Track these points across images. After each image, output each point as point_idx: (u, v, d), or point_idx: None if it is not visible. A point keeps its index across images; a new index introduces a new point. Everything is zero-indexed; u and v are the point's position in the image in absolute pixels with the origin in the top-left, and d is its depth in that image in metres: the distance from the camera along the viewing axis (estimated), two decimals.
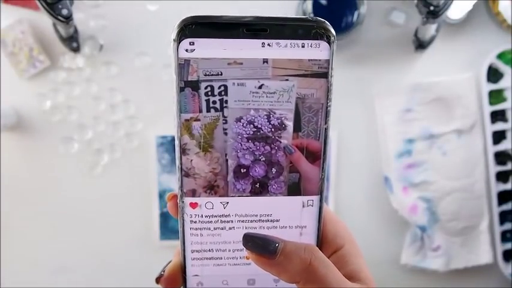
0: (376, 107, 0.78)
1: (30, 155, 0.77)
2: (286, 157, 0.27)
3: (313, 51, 0.26)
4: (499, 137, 0.78)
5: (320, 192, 0.28)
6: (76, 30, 0.72)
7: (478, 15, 0.77)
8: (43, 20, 0.73)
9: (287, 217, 0.28)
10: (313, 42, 0.25)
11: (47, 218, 0.78)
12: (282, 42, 0.25)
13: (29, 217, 0.78)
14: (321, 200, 0.28)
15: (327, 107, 0.27)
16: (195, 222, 0.28)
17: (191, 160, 0.27)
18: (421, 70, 0.78)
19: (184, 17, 0.25)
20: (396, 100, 0.77)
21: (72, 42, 0.73)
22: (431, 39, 0.74)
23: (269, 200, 0.28)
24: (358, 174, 0.79)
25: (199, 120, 0.26)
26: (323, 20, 0.26)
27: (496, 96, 0.78)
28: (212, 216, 0.28)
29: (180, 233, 0.28)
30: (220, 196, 0.28)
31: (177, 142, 0.27)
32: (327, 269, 0.26)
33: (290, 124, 0.27)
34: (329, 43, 0.25)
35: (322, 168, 0.27)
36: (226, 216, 0.28)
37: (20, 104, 0.76)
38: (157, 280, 0.29)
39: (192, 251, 0.29)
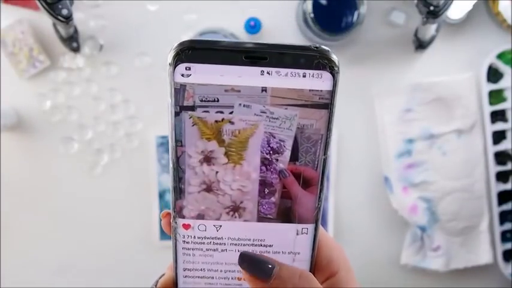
0: (376, 107, 0.78)
1: (30, 155, 0.77)
2: (280, 180, 0.27)
3: (314, 81, 0.24)
4: (499, 137, 0.78)
5: (315, 221, 0.27)
6: (76, 30, 0.72)
7: (478, 15, 0.77)
8: (43, 20, 0.73)
9: (280, 243, 0.28)
10: (315, 72, 0.24)
11: (47, 218, 0.78)
12: (282, 71, 0.24)
13: (29, 217, 0.78)
14: (315, 229, 0.28)
15: (326, 138, 0.26)
16: (188, 242, 0.28)
17: (216, 172, 0.26)
18: (421, 70, 0.78)
19: (180, 41, 0.24)
20: (396, 100, 0.77)
21: (72, 42, 0.73)
22: (431, 39, 0.74)
23: (263, 226, 0.27)
24: (358, 174, 0.79)
25: (233, 123, 0.25)
26: (327, 49, 0.24)
27: (496, 96, 0.78)
28: (205, 238, 0.28)
29: (173, 251, 0.28)
30: (245, 221, 0.27)
31: (171, 165, 0.26)
32: None
33: (288, 150, 0.26)
34: (332, 74, 0.24)
35: (319, 197, 0.27)
36: (219, 238, 0.28)
37: (20, 104, 0.76)
38: None
39: (184, 269, 0.29)
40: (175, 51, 0.24)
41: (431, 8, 0.62)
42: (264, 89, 0.25)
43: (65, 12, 0.61)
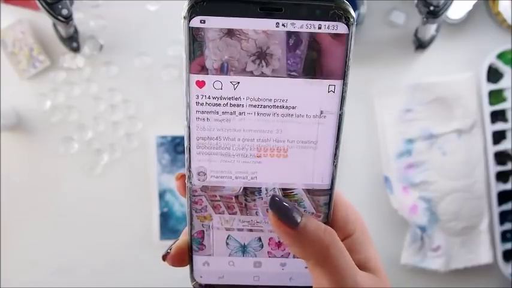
0: (376, 107, 0.78)
1: (30, 155, 0.77)
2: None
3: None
4: (499, 137, 0.78)
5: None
6: (76, 30, 0.73)
7: (478, 15, 0.77)
8: (43, 20, 0.73)
9: (305, 105, 0.25)
10: (331, 23, 0.24)
11: (47, 218, 0.78)
12: (298, 22, 0.24)
13: (29, 217, 0.77)
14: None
15: None
16: (202, 104, 0.25)
17: None
18: (421, 70, 0.78)
19: None
20: (396, 100, 0.77)
21: (72, 42, 0.73)
22: (431, 39, 0.74)
23: (285, 82, 0.25)
24: (358, 174, 0.79)
25: None
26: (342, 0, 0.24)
27: (496, 96, 0.78)
28: (221, 98, 0.25)
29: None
30: (273, 70, 0.25)
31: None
32: (341, 256, 0.25)
33: None
34: (348, 25, 0.24)
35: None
36: (236, 99, 0.25)
37: (20, 104, 0.76)
38: (164, 257, 0.30)
39: (198, 139, 0.26)
40: (190, 4, 0.24)
41: (431, 8, 0.62)
42: None
43: (65, 12, 0.61)
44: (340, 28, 0.24)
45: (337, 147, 0.27)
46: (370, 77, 0.78)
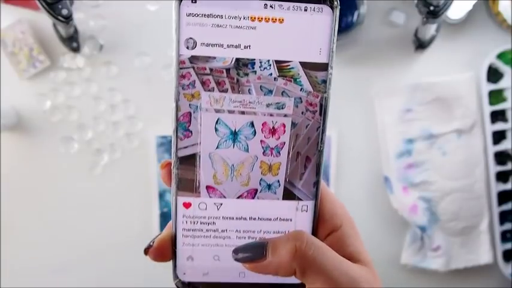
0: (376, 107, 0.78)
1: (30, 155, 0.77)
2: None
3: (315, 15, 0.25)
4: (499, 137, 0.78)
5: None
6: (76, 30, 0.72)
7: (478, 15, 0.77)
8: (43, 20, 0.73)
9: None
10: (316, 6, 0.25)
11: (46, 218, 0.78)
12: (285, 4, 0.25)
13: (29, 217, 0.78)
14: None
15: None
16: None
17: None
18: (421, 70, 0.78)
19: None
20: (396, 100, 0.77)
21: (72, 42, 0.73)
22: (431, 39, 0.74)
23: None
24: (358, 174, 0.79)
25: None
26: None
27: (496, 96, 0.78)
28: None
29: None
30: None
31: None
32: (317, 250, 0.25)
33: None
34: (332, 8, 0.25)
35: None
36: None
37: (20, 104, 0.76)
38: (146, 251, 0.28)
39: (188, 15, 0.25)
40: None
41: (431, 8, 0.62)
42: None
43: (65, 12, 0.61)
44: (325, 10, 0.25)
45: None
46: (370, 77, 0.78)
